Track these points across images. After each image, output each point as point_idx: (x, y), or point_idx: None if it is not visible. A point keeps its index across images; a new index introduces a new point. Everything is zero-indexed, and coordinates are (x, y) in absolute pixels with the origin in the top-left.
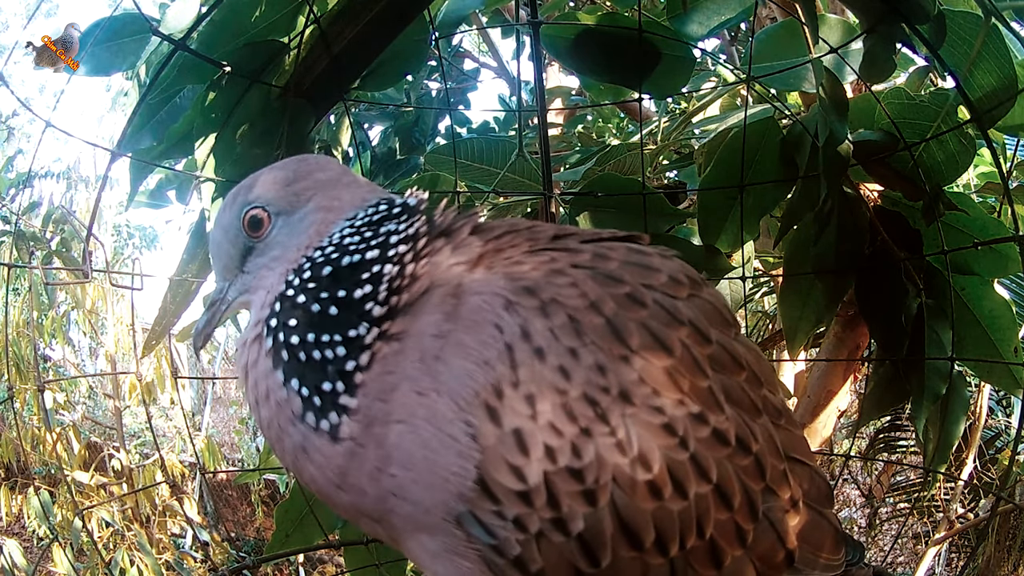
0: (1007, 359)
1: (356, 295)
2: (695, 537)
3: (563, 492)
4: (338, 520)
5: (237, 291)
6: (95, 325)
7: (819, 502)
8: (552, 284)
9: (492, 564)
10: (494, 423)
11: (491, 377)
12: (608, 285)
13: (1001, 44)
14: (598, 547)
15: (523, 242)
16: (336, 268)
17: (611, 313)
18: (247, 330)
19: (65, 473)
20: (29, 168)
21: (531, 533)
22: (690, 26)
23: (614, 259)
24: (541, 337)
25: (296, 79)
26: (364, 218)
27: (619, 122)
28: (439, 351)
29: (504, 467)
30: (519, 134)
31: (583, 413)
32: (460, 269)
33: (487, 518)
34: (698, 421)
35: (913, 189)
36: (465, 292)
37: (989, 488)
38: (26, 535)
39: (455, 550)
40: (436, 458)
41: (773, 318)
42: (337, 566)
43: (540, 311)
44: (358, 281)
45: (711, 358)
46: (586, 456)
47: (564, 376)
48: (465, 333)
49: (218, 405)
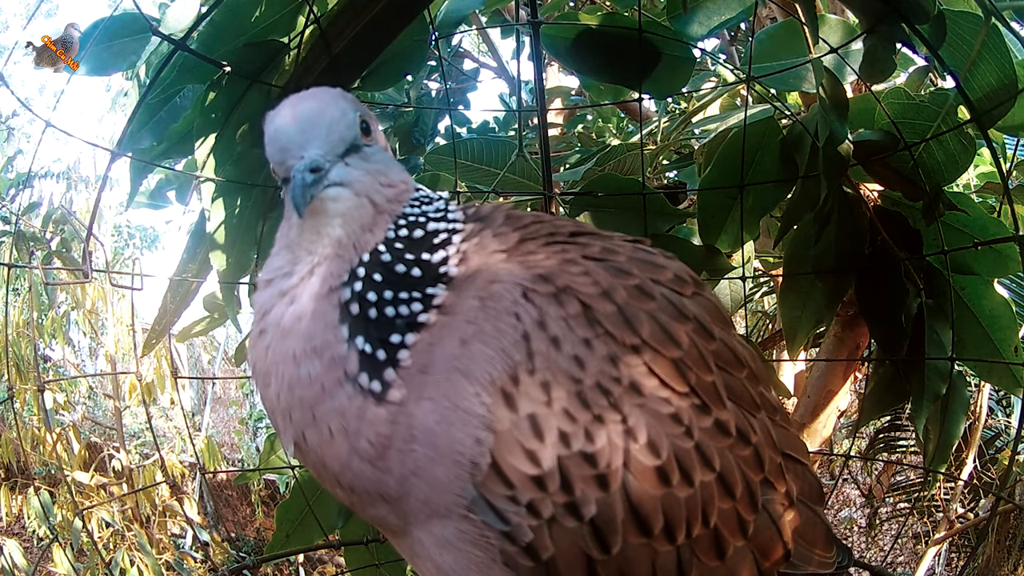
0: (1007, 359)
1: (436, 259)
2: (700, 525)
3: (576, 476)
4: (338, 520)
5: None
6: (95, 325)
7: (812, 499)
8: (566, 272)
9: (504, 552)
10: (509, 408)
11: (508, 364)
12: (619, 276)
13: (1001, 44)
14: (609, 532)
15: (544, 235)
16: (425, 232)
17: (623, 302)
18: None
19: (65, 473)
20: (29, 168)
21: (544, 518)
22: (690, 26)
23: (622, 254)
24: (557, 326)
25: (296, 79)
26: (419, 195)
27: (619, 122)
28: (469, 336)
29: (519, 451)
30: (519, 134)
31: (596, 401)
32: (501, 257)
33: (500, 503)
34: (701, 412)
35: (913, 189)
36: (496, 280)
37: (989, 488)
38: (26, 535)
39: (468, 538)
40: (452, 432)
41: (773, 318)
42: (337, 566)
43: (554, 298)
44: (435, 246)
45: (715, 353)
46: (599, 441)
47: (579, 365)
48: (487, 321)
49: (218, 405)
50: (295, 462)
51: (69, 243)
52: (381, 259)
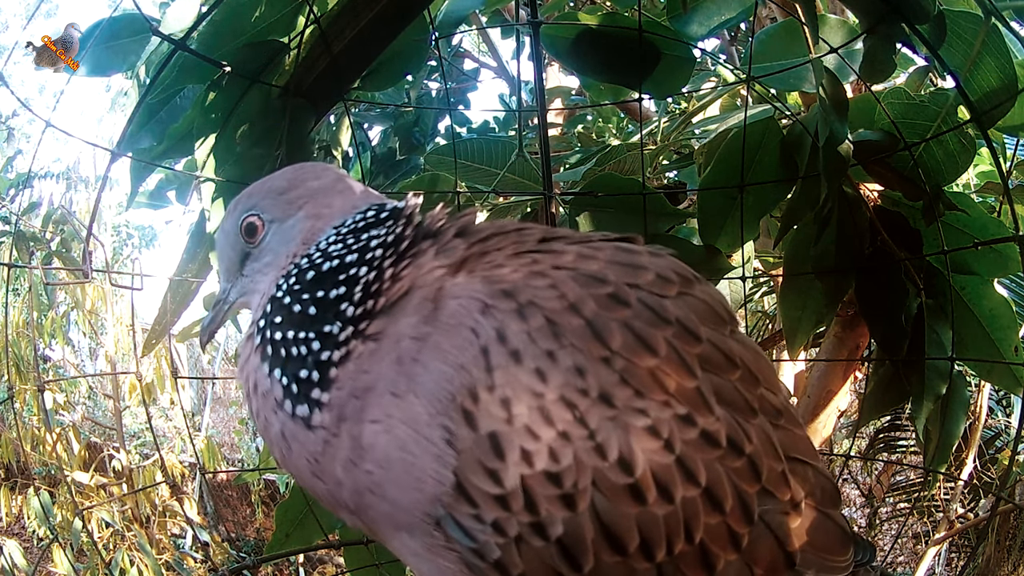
0: (1007, 358)
1: (332, 295)
2: (683, 542)
3: (541, 496)
4: (338, 520)
5: (237, 293)
6: (95, 325)
7: (823, 503)
8: (530, 286)
9: (473, 567)
10: (470, 427)
11: (467, 381)
12: (590, 286)
13: (1001, 44)
14: (579, 552)
15: (508, 245)
16: (318, 272)
17: (591, 314)
18: (246, 330)
19: (65, 473)
20: (29, 168)
21: (510, 537)
22: (690, 26)
23: (599, 259)
24: (517, 340)
25: (296, 79)
26: (351, 224)
27: (619, 122)
28: (416, 353)
29: (480, 471)
30: (519, 134)
31: (560, 416)
32: (441, 272)
33: (466, 521)
34: (685, 423)
35: (913, 189)
36: (444, 296)
37: (989, 488)
38: (26, 535)
39: (435, 551)
40: (413, 460)
41: (773, 318)
42: (337, 566)
43: (517, 314)
44: (335, 283)
45: (701, 357)
46: (564, 460)
47: (540, 379)
48: (442, 336)
49: (218, 405)
50: None
51: (69, 243)
52: (282, 302)
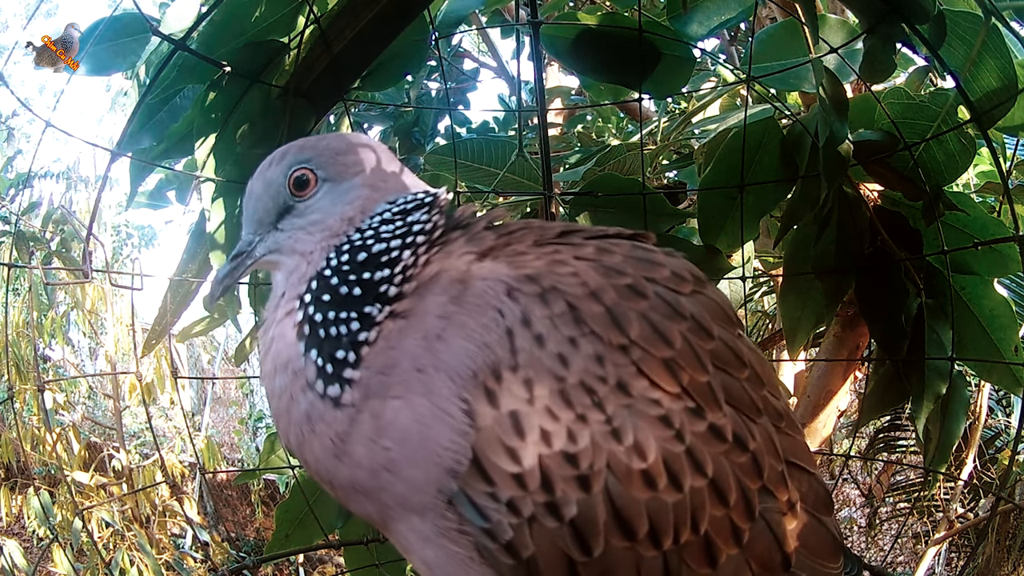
0: (1007, 358)
1: (376, 277)
2: (689, 531)
3: (557, 476)
4: (338, 520)
5: (267, 248)
6: (95, 325)
7: (817, 508)
8: (553, 273)
9: (483, 549)
10: (491, 405)
11: (490, 360)
12: (610, 276)
13: (1001, 44)
14: (590, 534)
15: (531, 237)
16: (368, 253)
17: (611, 302)
18: (279, 301)
19: (65, 473)
20: (29, 168)
21: (524, 517)
22: (690, 26)
23: (618, 253)
24: (541, 324)
25: (296, 79)
26: (402, 205)
27: (619, 122)
28: (441, 331)
29: (500, 448)
30: (519, 134)
31: (580, 400)
32: (469, 258)
33: (481, 499)
34: (695, 415)
35: (913, 189)
36: (471, 277)
37: (989, 488)
38: (26, 535)
39: (446, 534)
40: (429, 432)
41: (773, 318)
42: (337, 566)
43: (540, 298)
44: (379, 264)
45: (713, 353)
46: (581, 442)
47: (562, 363)
48: (468, 316)
49: (218, 405)
50: (295, 462)
51: (69, 243)
52: (329, 282)
